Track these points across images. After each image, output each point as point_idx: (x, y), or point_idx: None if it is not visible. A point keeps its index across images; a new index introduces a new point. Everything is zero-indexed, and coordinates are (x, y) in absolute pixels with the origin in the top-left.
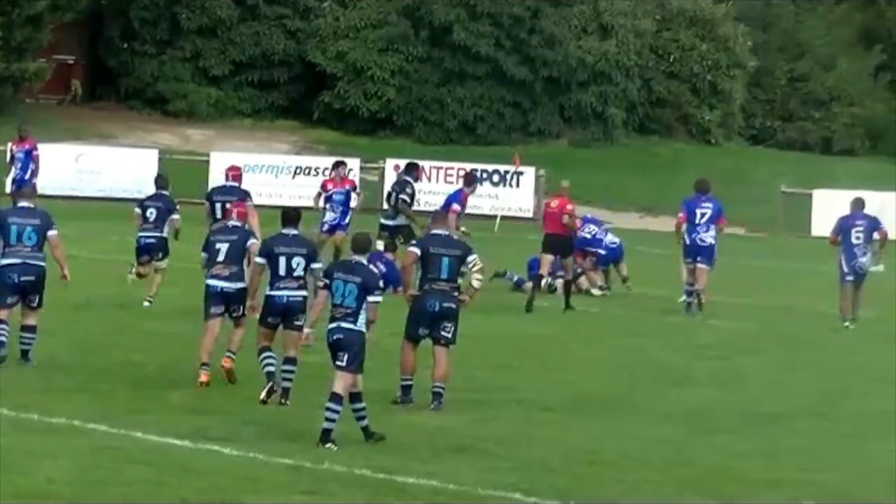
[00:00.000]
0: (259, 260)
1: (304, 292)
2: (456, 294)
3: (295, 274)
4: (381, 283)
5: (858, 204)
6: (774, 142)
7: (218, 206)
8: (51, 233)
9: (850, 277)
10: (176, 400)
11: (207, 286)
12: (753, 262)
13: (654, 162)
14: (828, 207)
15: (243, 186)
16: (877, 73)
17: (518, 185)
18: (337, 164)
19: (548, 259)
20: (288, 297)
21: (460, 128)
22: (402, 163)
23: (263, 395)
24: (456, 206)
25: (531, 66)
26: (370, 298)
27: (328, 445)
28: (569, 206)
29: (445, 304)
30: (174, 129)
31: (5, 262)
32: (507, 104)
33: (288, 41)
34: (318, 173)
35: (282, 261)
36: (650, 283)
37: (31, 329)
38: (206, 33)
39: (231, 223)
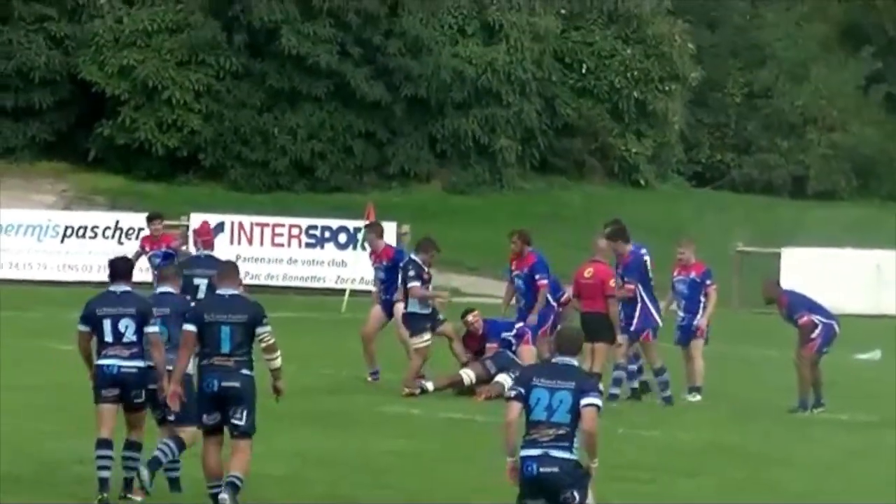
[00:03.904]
0: (80, 327)
1: (138, 362)
2: (244, 371)
3: (125, 340)
4: (598, 385)
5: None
6: (727, 182)
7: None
8: None
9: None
10: None
11: None
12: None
13: (561, 213)
14: (801, 272)
15: None
16: (867, 85)
17: None
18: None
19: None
20: (119, 366)
21: (292, 169)
22: (213, 219)
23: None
24: None
25: (389, 83)
26: (585, 401)
27: None
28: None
29: (226, 384)
30: None
31: None
32: (356, 135)
33: (52, 52)
34: (96, 234)
35: (106, 324)
36: None
37: None
38: None
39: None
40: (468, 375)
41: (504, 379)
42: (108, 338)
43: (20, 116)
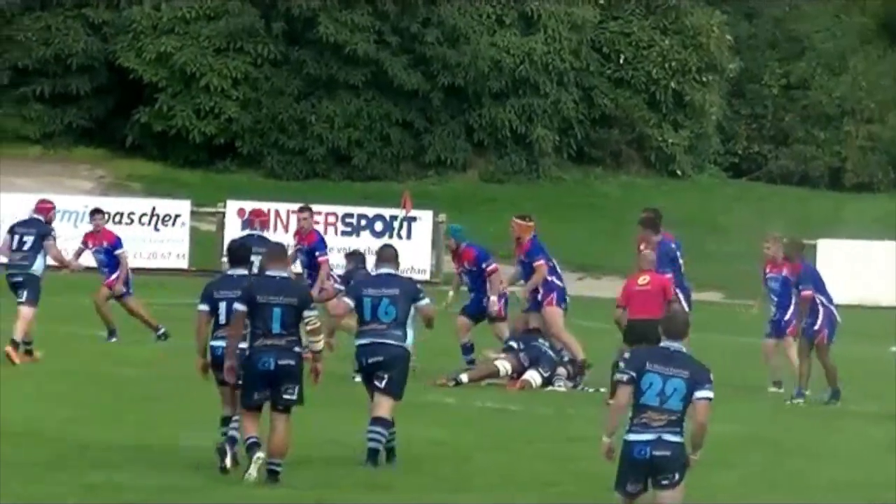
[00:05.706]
0: (200, 307)
1: (245, 343)
2: (297, 349)
3: None
4: (711, 376)
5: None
6: (763, 173)
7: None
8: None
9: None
10: None
11: None
12: (732, 341)
13: (598, 203)
14: (838, 263)
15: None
16: None
17: (409, 235)
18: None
19: None
20: (224, 348)
21: (329, 157)
22: (248, 206)
23: (229, 461)
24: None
25: (426, 72)
26: (699, 393)
27: None
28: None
29: (282, 362)
30: None
31: None
32: (393, 124)
33: (90, 38)
34: (132, 221)
35: (222, 306)
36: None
37: None
38: None
39: None
40: (504, 367)
41: (532, 376)
42: (223, 319)
43: (58, 102)
